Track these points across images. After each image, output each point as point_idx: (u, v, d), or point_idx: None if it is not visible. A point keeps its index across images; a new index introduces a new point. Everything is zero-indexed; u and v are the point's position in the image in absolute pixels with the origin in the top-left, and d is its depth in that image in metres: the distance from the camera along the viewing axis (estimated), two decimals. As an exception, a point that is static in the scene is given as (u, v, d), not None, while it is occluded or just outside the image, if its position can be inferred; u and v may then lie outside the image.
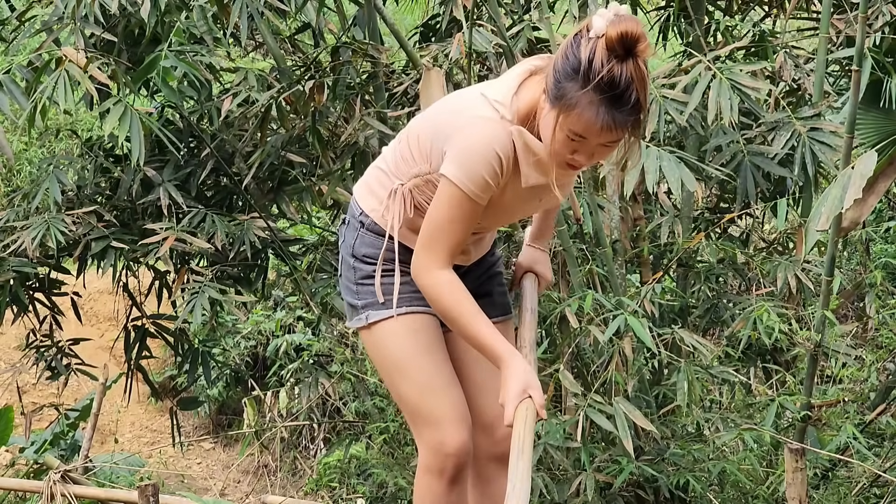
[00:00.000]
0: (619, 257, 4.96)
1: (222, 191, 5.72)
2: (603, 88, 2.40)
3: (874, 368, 5.48)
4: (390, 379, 2.80)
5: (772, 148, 4.72)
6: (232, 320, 8.37)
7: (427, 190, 2.69)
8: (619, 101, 2.41)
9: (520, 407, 2.57)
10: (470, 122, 2.57)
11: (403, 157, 2.72)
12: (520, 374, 2.61)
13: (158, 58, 4.63)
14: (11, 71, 4.88)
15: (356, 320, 2.79)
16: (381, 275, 2.75)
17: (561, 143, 2.50)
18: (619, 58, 2.40)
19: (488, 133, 2.55)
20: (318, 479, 8.09)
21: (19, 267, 5.30)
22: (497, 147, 2.55)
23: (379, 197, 2.75)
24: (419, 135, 2.69)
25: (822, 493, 5.17)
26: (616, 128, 2.44)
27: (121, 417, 9.51)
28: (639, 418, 4.24)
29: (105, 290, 9.50)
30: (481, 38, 4.65)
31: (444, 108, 2.71)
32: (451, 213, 2.59)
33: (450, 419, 2.74)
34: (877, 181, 4.68)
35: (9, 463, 7.44)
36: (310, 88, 4.98)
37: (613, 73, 2.39)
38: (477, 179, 2.55)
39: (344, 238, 2.81)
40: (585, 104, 2.42)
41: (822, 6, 4.82)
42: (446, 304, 2.64)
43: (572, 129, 2.46)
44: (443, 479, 2.76)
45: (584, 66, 2.40)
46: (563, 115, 2.45)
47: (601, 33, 2.40)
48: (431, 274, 2.63)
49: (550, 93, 2.48)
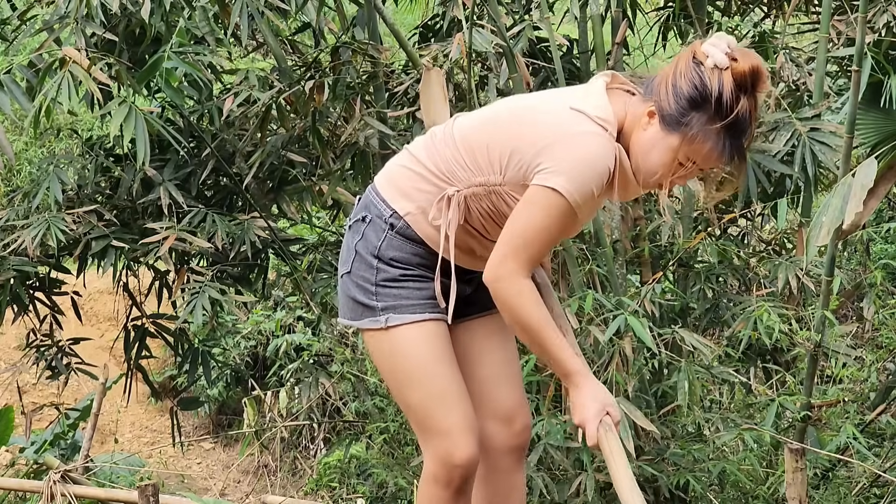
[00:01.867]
0: (619, 257, 4.97)
1: (223, 190, 5.72)
2: (731, 123, 2.47)
3: (874, 368, 5.49)
4: (399, 384, 2.76)
5: (773, 146, 4.72)
6: (232, 320, 8.35)
7: (486, 199, 2.66)
8: (742, 134, 2.50)
9: (605, 437, 2.59)
10: (578, 136, 2.55)
11: (459, 163, 2.66)
12: (597, 394, 2.63)
13: (161, 58, 4.63)
14: (12, 71, 4.88)
15: (370, 321, 2.72)
16: (408, 279, 2.70)
17: (669, 168, 2.56)
18: (746, 93, 2.48)
19: (601, 148, 2.55)
20: (318, 479, 8.09)
21: (19, 266, 5.30)
22: (609, 163, 2.56)
23: (416, 201, 2.69)
24: (489, 144, 2.63)
25: (822, 493, 5.17)
26: (734, 160, 2.53)
27: (121, 417, 9.52)
28: (639, 418, 4.24)
29: (105, 289, 9.50)
30: (481, 38, 4.65)
31: (522, 120, 2.65)
32: (552, 223, 2.57)
33: (460, 430, 2.71)
34: (877, 185, 4.68)
35: (9, 463, 7.43)
36: (310, 88, 4.98)
37: (743, 108, 2.47)
38: (586, 192, 2.55)
39: (363, 236, 2.73)
40: (714, 137, 2.49)
41: (822, 6, 4.82)
42: (527, 313, 2.61)
43: (692, 157, 2.53)
44: (449, 490, 2.74)
45: (715, 97, 2.46)
46: (686, 144, 2.51)
47: (725, 65, 2.47)
48: (519, 281, 2.60)
49: (670, 119, 2.51)
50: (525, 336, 2.67)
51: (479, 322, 2.87)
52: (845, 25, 5.12)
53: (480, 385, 2.84)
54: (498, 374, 2.86)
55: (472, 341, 2.83)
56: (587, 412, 2.62)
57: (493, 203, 2.65)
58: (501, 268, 2.60)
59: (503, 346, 2.90)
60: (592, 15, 5.03)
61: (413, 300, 2.70)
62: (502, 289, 2.61)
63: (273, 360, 7.72)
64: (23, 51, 10.20)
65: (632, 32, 5.46)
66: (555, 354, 2.64)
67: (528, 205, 2.58)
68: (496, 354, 2.86)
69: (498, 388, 2.86)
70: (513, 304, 2.61)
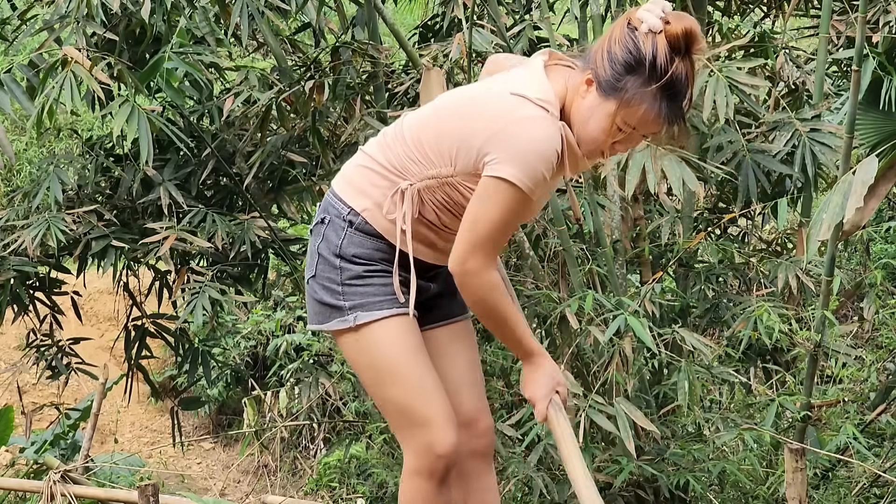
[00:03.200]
0: (619, 257, 4.97)
1: (223, 190, 5.72)
2: (666, 85, 2.49)
3: (874, 368, 5.49)
4: (377, 381, 2.77)
5: (773, 146, 4.73)
6: (232, 320, 8.36)
7: (439, 192, 2.68)
8: (677, 96, 2.53)
9: (554, 413, 2.71)
10: (522, 122, 2.57)
11: (411, 157, 2.69)
12: (551, 372, 2.76)
13: (162, 59, 4.63)
14: (13, 70, 4.89)
15: (339, 322, 2.73)
16: (372, 275, 2.72)
17: (609, 134, 2.58)
18: (680, 55, 2.50)
19: (546, 132, 2.57)
20: (318, 479, 8.10)
21: (20, 266, 5.30)
22: (555, 145, 2.58)
23: (371, 197, 2.72)
24: (437, 137, 2.67)
25: (822, 493, 5.18)
26: (671, 122, 2.55)
27: (121, 417, 9.52)
28: (639, 418, 4.24)
29: (105, 289, 9.50)
30: (481, 38, 4.65)
31: (467, 111, 2.68)
32: (507, 214, 2.60)
33: (441, 420, 2.73)
34: (878, 185, 4.67)
35: (9, 463, 7.44)
36: (310, 88, 4.98)
37: (678, 70, 2.50)
38: (537, 178, 2.57)
39: (324, 237, 2.76)
40: (650, 100, 2.51)
41: (823, 6, 4.82)
42: (496, 303, 2.68)
43: (629, 121, 2.55)
44: (433, 481, 2.75)
45: (649, 61, 2.48)
46: (623, 108, 2.53)
47: (658, 29, 2.49)
48: (488, 273, 2.65)
49: (606, 84, 2.53)
50: (492, 324, 2.76)
51: (443, 330, 2.92)
52: (845, 25, 5.12)
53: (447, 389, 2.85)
54: (460, 380, 2.89)
55: (436, 348, 2.86)
56: (540, 388, 2.75)
57: (447, 194, 2.69)
58: (467, 262, 2.64)
59: (465, 352, 2.95)
60: (593, 15, 5.03)
61: (380, 296, 2.72)
62: (470, 283, 2.66)
63: (273, 360, 7.74)
64: (23, 50, 10.20)
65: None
66: (517, 337, 2.75)
67: (483, 197, 2.61)
68: (459, 360, 2.91)
69: (461, 393, 2.89)
70: (482, 297, 2.67)
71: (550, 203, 4.62)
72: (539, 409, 2.74)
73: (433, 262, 2.80)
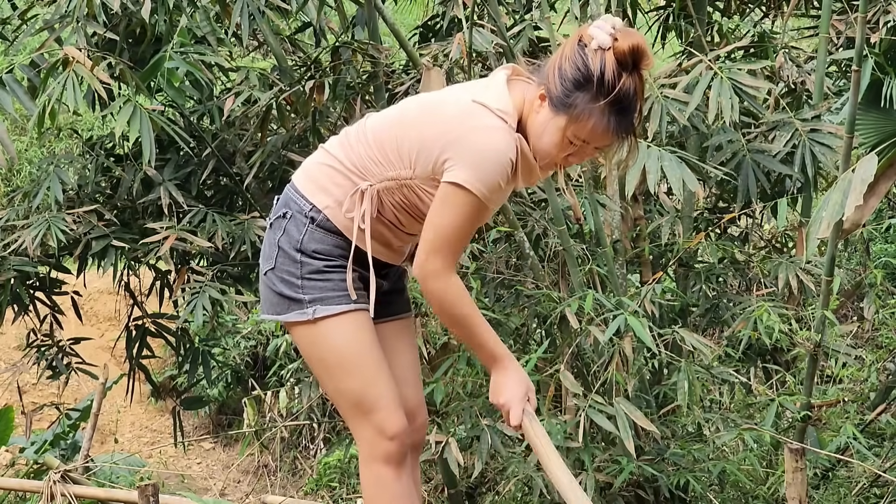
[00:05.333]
0: (619, 257, 4.97)
1: (223, 190, 5.72)
2: (614, 100, 2.57)
3: (874, 368, 5.49)
4: (330, 373, 2.86)
5: (773, 146, 4.73)
6: (232, 320, 8.37)
7: (398, 193, 2.77)
8: (626, 110, 2.60)
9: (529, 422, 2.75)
10: (480, 131, 2.66)
11: (372, 158, 2.77)
12: (521, 378, 2.82)
13: (163, 58, 4.64)
14: (14, 70, 4.88)
15: (297, 314, 2.82)
16: (332, 270, 2.81)
17: (562, 148, 2.67)
18: (628, 71, 2.57)
19: (502, 141, 2.66)
20: (318, 479, 8.10)
21: (20, 266, 5.30)
22: (510, 155, 2.67)
23: (332, 195, 2.80)
24: (398, 140, 2.75)
25: (822, 493, 5.18)
26: (621, 135, 2.63)
27: (121, 417, 9.52)
28: (639, 418, 4.24)
29: (105, 289, 9.51)
30: (481, 38, 4.65)
31: (429, 116, 2.76)
32: (463, 220, 2.69)
33: (389, 405, 2.84)
34: (877, 183, 4.68)
35: (9, 463, 7.44)
36: (310, 88, 4.98)
37: (626, 85, 2.57)
38: (493, 185, 2.67)
39: (285, 231, 2.84)
40: (598, 115, 2.59)
41: (823, 6, 4.82)
42: (459, 307, 2.76)
43: (579, 135, 2.63)
44: (389, 465, 2.84)
45: (597, 77, 2.56)
46: (573, 123, 2.62)
47: (607, 45, 2.56)
48: (448, 278, 2.73)
49: (557, 101, 2.62)
50: (455, 327, 2.84)
51: (390, 325, 3.01)
52: (845, 25, 5.12)
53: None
54: (405, 375, 3.01)
55: (383, 343, 2.95)
56: (512, 395, 2.80)
57: (405, 196, 2.78)
58: (428, 266, 2.72)
59: (409, 349, 3.08)
60: (593, 15, 5.03)
61: (338, 291, 2.81)
62: (433, 287, 2.74)
63: (273, 359, 7.72)
64: (23, 50, 10.20)
65: (632, 32, 5.45)
66: (483, 342, 2.82)
67: (441, 204, 2.70)
68: (404, 356, 3.03)
69: (406, 386, 3.00)
70: (444, 300, 2.75)
71: (551, 203, 4.63)
72: (514, 416, 2.78)
73: (388, 260, 2.92)
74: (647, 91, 4.56)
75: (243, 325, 8.72)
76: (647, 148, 4.25)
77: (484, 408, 4.50)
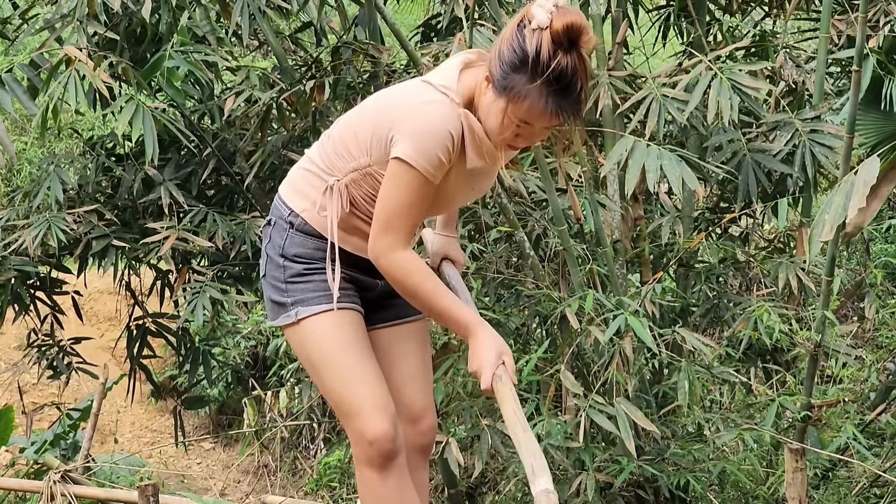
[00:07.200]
0: (619, 257, 4.97)
1: (223, 190, 5.72)
2: (550, 80, 2.53)
3: (874, 368, 5.49)
4: (316, 373, 2.87)
5: (773, 146, 4.73)
6: (232, 320, 8.36)
7: (364, 184, 2.77)
8: (565, 91, 2.55)
9: (498, 384, 2.67)
10: (421, 105, 2.67)
11: (337, 154, 2.79)
12: (492, 342, 2.73)
13: (163, 57, 4.64)
14: (14, 70, 4.88)
15: (283, 317, 2.84)
16: (313, 272, 2.82)
17: (506, 129, 2.64)
18: (564, 50, 2.52)
19: (441, 114, 2.65)
20: (318, 479, 8.09)
21: (20, 266, 5.30)
22: (450, 127, 2.65)
23: (310, 198, 2.82)
24: (356, 130, 2.77)
25: (822, 493, 5.18)
26: (562, 116, 2.59)
27: (121, 417, 9.52)
28: (640, 418, 4.24)
29: (105, 289, 9.51)
30: (482, 38, 4.65)
31: (381, 102, 2.79)
32: (408, 194, 2.67)
33: (369, 408, 2.79)
34: (880, 186, 4.66)
35: (9, 463, 7.43)
36: (310, 88, 4.98)
37: (561, 65, 2.52)
38: (432, 159, 2.64)
39: (270, 238, 2.88)
40: (535, 95, 2.55)
41: (823, 6, 4.82)
42: (412, 282, 2.73)
43: (520, 117, 2.60)
44: (372, 469, 2.82)
45: (532, 57, 2.52)
46: (511, 104, 2.59)
47: (545, 25, 2.52)
48: (396, 254, 2.71)
49: (497, 83, 2.60)
50: (418, 302, 2.79)
51: (396, 329, 3.00)
52: (845, 25, 5.12)
53: (394, 386, 2.94)
54: (412, 377, 2.99)
55: (389, 345, 2.96)
56: (484, 360, 2.72)
57: (371, 186, 2.77)
58: (378, 244, 2.72)
59: (417, 351, 3.03)
60: (593, 14, 5.03)
61: (319, 292, 2.81)
62: (386, 264, 2.73)
63: (273, 359, 7.72)
64: (23, 50, 10.20)
65: (632, 32, 5.46)
66: (449, 312, 2.76)
67: (387, 181, 2.69)
68: (411, 359, 2.99)
69: (410, 389, 2.98)
70: (398, 276, 2.72)
71: (551, 203, 4.63)
72: (484, 380, 2.72)
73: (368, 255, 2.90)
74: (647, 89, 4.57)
75: (243, 325, 8.72)
76: (647, 147, 4.25)
77: (484, 408, 4.51)
